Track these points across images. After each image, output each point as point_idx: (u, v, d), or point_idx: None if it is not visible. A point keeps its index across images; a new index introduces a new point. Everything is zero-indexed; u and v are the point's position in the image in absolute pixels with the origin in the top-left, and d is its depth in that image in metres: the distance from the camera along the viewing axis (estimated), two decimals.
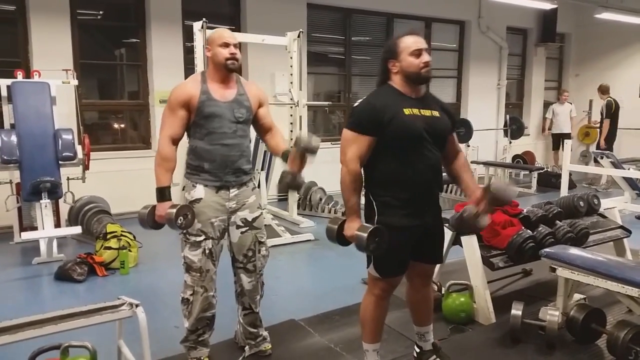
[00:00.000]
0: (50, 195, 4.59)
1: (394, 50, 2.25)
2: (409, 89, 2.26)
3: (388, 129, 2.16)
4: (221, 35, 2.48)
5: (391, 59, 2.26)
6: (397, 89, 2.26)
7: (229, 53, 2.44)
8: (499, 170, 8.62)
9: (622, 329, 2.62)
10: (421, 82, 2.26)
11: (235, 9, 6.95)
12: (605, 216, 4.05)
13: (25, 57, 5.62)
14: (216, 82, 2.48)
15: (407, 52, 2.21)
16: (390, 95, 2.25)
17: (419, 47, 2.22)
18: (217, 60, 2.46)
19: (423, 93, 2.31)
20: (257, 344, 2.74)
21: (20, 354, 2.25)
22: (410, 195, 2.23)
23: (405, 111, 2.19)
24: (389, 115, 2.17)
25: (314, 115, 8.11)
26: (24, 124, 4.70)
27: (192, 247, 2.48)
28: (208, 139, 2.45)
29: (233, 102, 2.49)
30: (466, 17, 9.11)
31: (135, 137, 6.62)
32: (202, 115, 2.42)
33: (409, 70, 2.22)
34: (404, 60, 2.22)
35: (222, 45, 2.44)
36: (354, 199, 2.23)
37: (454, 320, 3.16)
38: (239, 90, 2.53)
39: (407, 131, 2.18)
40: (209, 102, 2.43)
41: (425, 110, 2.26)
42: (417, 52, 2.21)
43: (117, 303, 2.20)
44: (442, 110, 2.34)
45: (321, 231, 5.22)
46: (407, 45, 2.22)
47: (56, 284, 3.95)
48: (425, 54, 2.23)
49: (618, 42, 9.99)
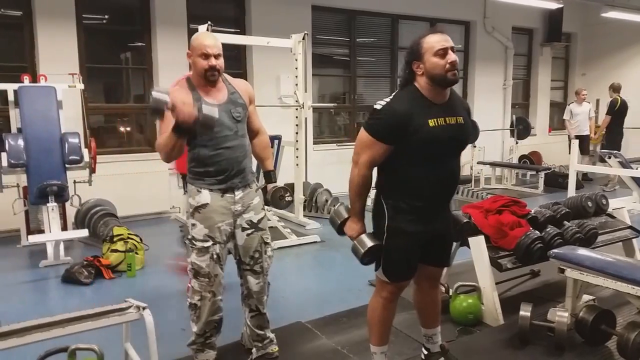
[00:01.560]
0: (57, 199, 4.61)
1: (418, 51, 2.11)
2: (434, 93, 2.13)
3: (412, 138, 2.07)
4: (201, 44, 2.37)
5: (415, 61, 2.12)
6: (422, 92, 2.13)
7: (208, 65, 2.35)
8: (505, 171, 8.60)
9: (633, 330, 2.59)
10: (447, 84, 2.12)
11: (240, 11, 6.97)
12: (614, 216, 4.01)
13: (32, 62, 5.66)
14: (203, 86, 2.42)
15: (431, 53, 2.07)
16: (414, 100, 2.11)
17: (444, 45, 2.07)
18: (197, 69, 2.39)
19: (449, 96, 2.18)
20: (264, 346, 2.73)
21: (28, 357, 2.26)
22: (425, 204, 2.19)
23: (430, 123, 2.07)
24: (413, 127, 2.06)
25: (319, 117, 8.11)
26: (30, 128, 4.73)
27: (200, 253, 2.46)
28: (211, 144, 2.41)
29: (228, 102, 2.45)
30: (471, 17, 9.09)
31: (141, 141, 6.64)
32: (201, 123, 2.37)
33: (433, 72, 2.07)
34: (428, 61, 2.07)
35: (201, 56, 2.35)
36: (359, 203, 2.22)
37: (461, 321, 3.14)
38: (229, 89, 2.50)
39: (432, 145, 2.10)
40: (204, 107, 2.35)
41: (451, 117, 2.14)
42: (441, 52, 2.06)
43: (124, 306, 2.19)
44: (465, 111, 2.26)
45: (327, 233, 5.26)
46: (431, 45, 2.08)
47: (63, 287, 3.96)
48: (452, 53, 2.08)
49: (624, 41, 9.94)
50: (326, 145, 7.72)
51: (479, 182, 8.26)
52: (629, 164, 6.58)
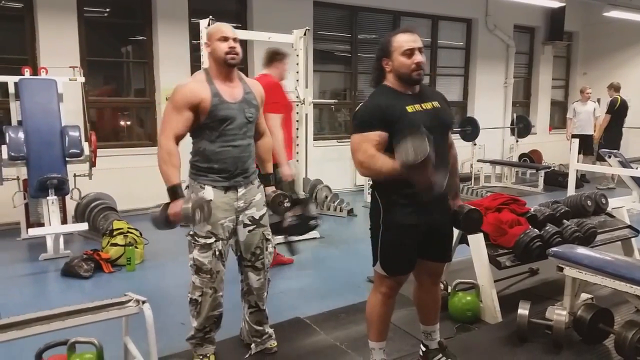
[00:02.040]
0: (57, 192, 4.61)
1: (387, 48, 2.20)
2: (404, 87, 2.22)
3: (397, 126, 2.12)
4: (219, 29, 2.41)
5: (384, 57, 2.21)
6: (394, 88, 2.22)
7: (228, 47, 2.37)
8: (505, 169, 8.60)
9: (630, 329, 2.60)
10: (412, 83, 2.21)
11: (241, 6, 6.96)
12: (613, 215, 4.02)
13: (33, 55, 5.65)
14: (221, 80, 2.42)
15: (399, 52, 2.15)
16: (388, 94, 2.21)
17: (411, 46, 2.15)
18: (217, 55, 2.40)
19: (418, 88, 2.26)
20: (263, 342, 2.74)
21: (27, 350, 2.26)
22: (415, 191, 2.18)
23: (408, 109, 2.16)
24: (396, 114, 2.13)
25: (320, 113, 8.10)
26: (31, 120, 4.73)
27: (202, 250, 2.45)
28: (219, 141, 2.40)
29: (242, 102, 2.45)
30: (473, 15, 9.07)
31: (141, 134, 6.64)
32: (216, 118, 2.36)
33: (400, 70, 2.17)
34: (396, 60, 2.16)
35: (221, 39, 2.38)
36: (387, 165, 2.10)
37: (460, 319, 3.15)
38: (245, 88, 2.50)
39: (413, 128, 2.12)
40: (222, 105, 2.37)
41: (425, 103, 2.22)
42: (409, 52, 2.14)
43: (123, 299, 2.20)
44: (443, 100, 2.32)
45: (327, 229, 5.27)
46: (400, 44, 2.16)
47: (63, 280, 3.97)
48: (418, 54, 2.15)
49: (626, 40, 9.92)
50: (327, 142, 7.72)
51: (478, 180, 8.26)
52: (629, 164, 6.58)
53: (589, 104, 8.50)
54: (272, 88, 3.68)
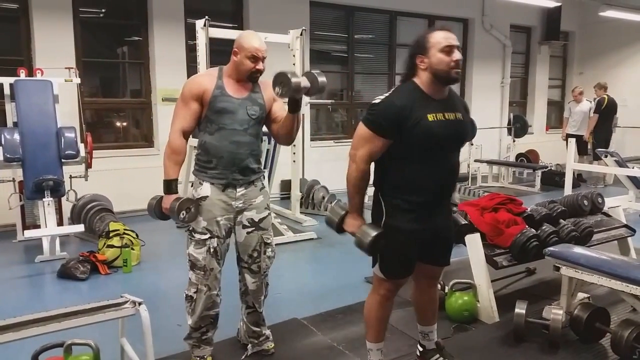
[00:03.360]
0: (53, 194, 4.59)
1: (424, 45, 2.10)
2: (434, 89, 2.13)
3: (411, 133, 2.06)
4: (252, 47, 2.38)
5: (419, 55, 2.11)
6: (422, 88, 2.13)
7: (255, 68, 2.40)
8: (502, 169, 8.62)
9: (626, 328, 2.60)
10: (450, 82, 2.13)
11: (237, 6, 6.95)
12: (610, 215, 4.03)
13: (28, 56, 5.63)
14: (233, 79, 2.45)
15: (437, 48, 2.07)
16: (413, 95, 2.11)
17: (451, 43, 2.08)
18: (242, 69, 2.41)
19: (447, 94, 2.19)
20: (260, 343, 2.73)
21: (23, 352, 2.26)
22: (423, 200, 2.17)
23: (429, 117, 2.07)
24: (412, 120, 2.06)
25: (316, 114, 8.10)
26: (26, 122, 4.70)
27: (197, 245, 2.46)
28: (218, 134, 2.42)
29: (247, 99, 2.46)
30: (470, 15, 9.08)
31: (137, 136, 6.62)
32: (214, 110, 2.40)
33: (437, 67, 2.07)
34: (434, 56, 2.07)
35: (251, 58, 2.38)
36: (358, 197, 2.20)
37: (457, 319, 3.15)
38: (254, 88, 2.50)
39: (431, 139, 2.08)
40: (222, 97, 2.40)
41: (450, 113, 2.14)
42: (447, 49, 2.07)
43: (120, 301, 2.20)
44: (464, 109, 2.26)
45: (324, 230, 5.26)
46: (438, 40, 2.08)
47: (59, 282, 3.96)
48: (457, 51, 2.09)
49: (622, 40, 9.96)
50: (323, 142, 7.72)
51: (476, 180, 8.27)
52: (625, 163, 6.60)
53: (584, 103, 8.45)
54: None
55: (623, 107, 9.64)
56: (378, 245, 2.14)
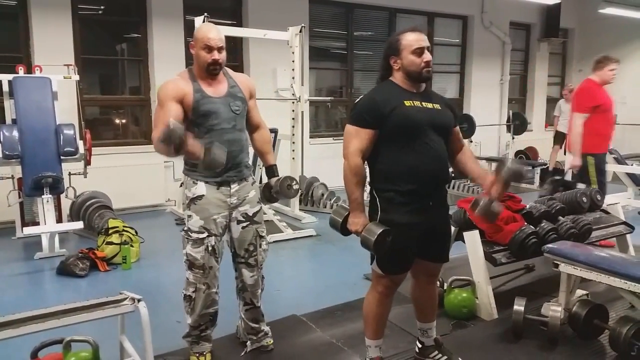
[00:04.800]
0: (52, 191, 4.59)
1: (396, 47, 2.24)
2: (410, 85, 2.26)
3: (389, 119, 2.17)
4: (204, 36, 2.37)
5: (392, 56, 2.26)
6: (399, 84, 2.27)
7: (212, 59, 2.35)
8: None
9: (625, 325, 2.61)
10: (421, 81, 2.27)
11: (236, 3, 6.93)
12: (608, 212, 4.03)
13: (27, 52, 5.62)
14: (205, 79, 2.42)
15: (408, 50, 2.21)
16: (391, 90, 2.26)
17: (421, 45, 2.21)
18: (199, 62, 2.39)
19: (423, 89, 2.31)
20: (259, 339, 2.74)
21: (22, 349, 2.26)
22: (413, 187, 2.19)
23: (406, 102, 2.20)
24: (390, 107, 2.18)
25: (315, 111, 8.10)
26: (25, 119, 4.70)
27: (195, 245, 2.46)
28: (208, 137, 2.39)
29: (227, 96, 2.45)
30: (469, 12, 9.07)
31: (136, 133, 6.62)
32: (199, 114, 2.36)
33: (409, 68, 2.22)
34: (405, 58, 2.22)
35: (205, 49, 2.36)
36: (357, 193, 2.22)
37: (456, 315, 3.16)
38: (230, 82, 2.49)
39: (407, 120, 2.18)
40: (203, 100, 2.38)
41: (427, 103, 2.26)
42: (418, 51, 2.20)
43: (119, 298, 2.20)
44: (445, 105, 2.33)
45: (323, 227, 5.27)
46: (409, 42, 2.21)
47: (58, 279, 3.96)
48: (427, 52, 2.22)
49: (622, 37, 9.94)
50: (323, 139, 7.71)
51: None
52: (624, 160, 6.61)
53: None
54: (578, 92, 4.91)
55: (622, 104, 9.64)
56: (384, 243, 2.15)
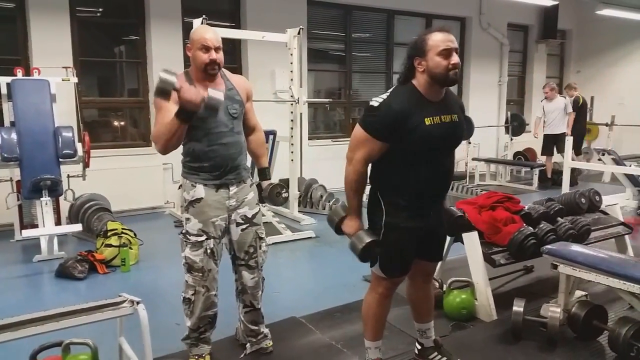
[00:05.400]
0: (51, 193, 4.59)
1: (422, 47, 2.08)
2: (431, 91, 2.13)
3: (409, 137, 2.07)
4: (201, 37, 2.35)
5: (417, 57, 2.10)
6: (419, 90, 2.13)
7: (209, 59, 2.33)
8: (500, 167, 8.63)
9: (624, 326, 2.62)
10: (448, 84, 2.14)
11: (235, 5, 6.94)
12: (607, 213, 4.04)
13: (25, 55, 5.61)
14: (202, 82, 2.39)
15: (435, 51, 2.06)
16: (411, 98, 2.11)
17: (449, 46, 2.06)
18: (197, 63, 2.37)
19: (444, 94, 2.18)
20: (259, 341, 2.73)
21: (21, 351, 2.25)
22: (422, 199, 2.21)
23: (426, 121, 2.08)
24: (410, 125, 2.06)
25: (314, 113, 8.10)
26: (24, 121, 4.70)
27: (194, 248, 2.45)
28: (206, 140, 2.39)
29: (225, 99, 2.42)
30: (467, 13, 9.09)
31: (135, 135, 6.61)
32: (197, 117, 2.32)
33: (435, 71, 2.06)
34: (431, 59, 2.06)
35: (202, 49, 2.33)
36: (355, 200, 2.21)
37: (455, 317, 3.16)
38: (227, 85, 2.48)
39: (428, 143, 2.10)
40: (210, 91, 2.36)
41: (446, 116, 2.15)
42: (445, 52, 2.05)
43: (118, 300, 2.19)
44: (460, 109, 2.27)
45: (322, 228, 5.27)
46: (436, 43, 2.06)
47: (57, 282, 3.95)
48: (455, 55, 2.08)
49: (619, 38, 9.98)
50: (321, 141, 7.72)
51: (473, 179, 8.28)
52: (623, 161, 6.62)
53: (558, 100, 7.96)
54: None
55: (620, 105, 9.68)
56: (371, 252, 2.18)
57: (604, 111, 9.80)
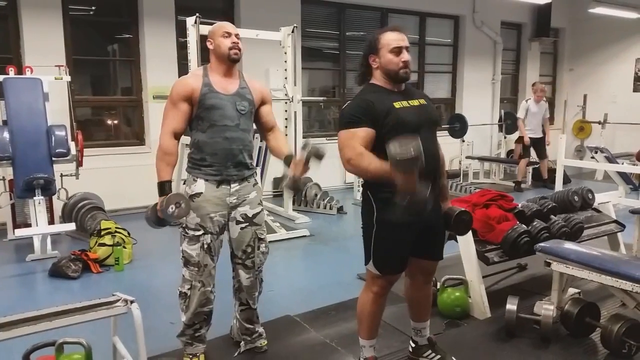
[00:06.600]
0: (44, 192, 4.56)
1: (375, 45, 2.23)
2: (391, 84, 2.25)
3: (384, 122, 2.14)
4: (222, 26, 2.51)
5: (371, 54, 2.25)
6: (381, 85, 2.26)
7: (232, 42, 2.45)
8: (493, 165, 8.66)
9: (616, 323, 2.64)
10: (399, 81, 2.25)
11: (228, 3, 6.92)
12: (600, 210, 4.07)
13: (17, 53, 5.57)
14: (219, 75, 2.47)
15: (387, 49, 2.19)
16: (376, 91, 2.24)
17: (400, 44, 2.19)
18: (220, 51, 2.45)
19: (404, 87, 2.30)
20: (253, 340, 2.73)
21: (14, 351, 2.25)
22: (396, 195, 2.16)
23: (396, 105, 2.18)
24: (384, 110, 2.15)
25: (308, 111, 8.09)
26: (16, 120, 4.67)
27: (191, 242, 2.47)
28: (210, 131, 2.42)
29: (235, 94, 2.47)
30: (461, 11, 9.10)
31: (128, 134, 6.58)
32: (204, 107, 2.40)
33: (388, 67, 2.21)
34: (384, 56, 2.20)
35: (224, 35, 2.46)
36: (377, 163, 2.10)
37: (449, 315, 3.17)
38: (242, 83, 2.53)
39: (402, 124, 2.14)
40: (210, 94, 2.41)
41: (413, 100, 2.26)
42: (396, 50, 2.19)
43: (111, 299, 2.18)
44: (426, 98, 2.35)
45: (317, 227, 5.28)
46: (388, 41, 2.20)
47: (50, 281, 3.93)
48: (405, 52, 2.20)
49: (612, 36, 10.02)
50: (316, 139, 7.68)
51: (467, 177, 8.31)
52: (615, 159, 6.67)
53: (542, 103, 7.66)
54: None
55: (613, 103, 9.74)
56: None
57: (596, 109, 9.86)
